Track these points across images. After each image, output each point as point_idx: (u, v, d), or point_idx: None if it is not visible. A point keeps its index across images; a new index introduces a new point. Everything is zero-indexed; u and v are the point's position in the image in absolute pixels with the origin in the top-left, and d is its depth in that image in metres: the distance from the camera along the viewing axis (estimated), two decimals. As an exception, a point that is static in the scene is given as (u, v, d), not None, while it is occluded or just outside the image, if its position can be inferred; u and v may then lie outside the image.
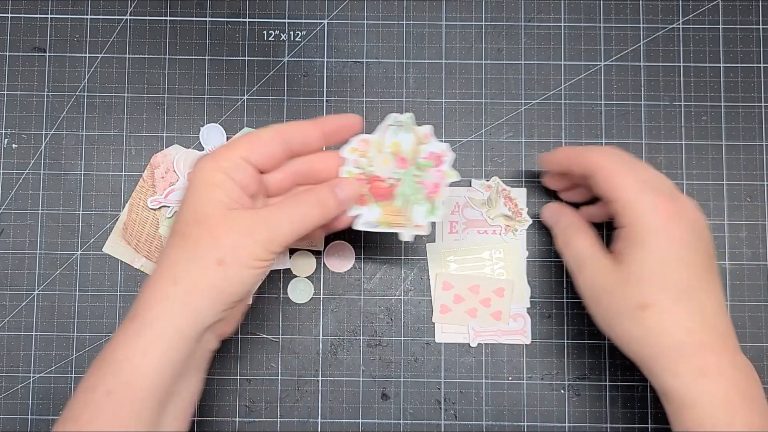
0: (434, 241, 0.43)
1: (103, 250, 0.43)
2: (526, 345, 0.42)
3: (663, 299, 0.33)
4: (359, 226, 0.37)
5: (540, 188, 0.43)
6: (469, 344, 0.42)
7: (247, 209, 0.34)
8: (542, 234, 0.43)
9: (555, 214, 0.41)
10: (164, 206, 0.43)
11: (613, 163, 0.35)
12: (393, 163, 0.37)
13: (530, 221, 0.43)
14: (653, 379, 0.34)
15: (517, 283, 0.42)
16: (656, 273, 0.33)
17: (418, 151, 0.37)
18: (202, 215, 0.33)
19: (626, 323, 0.34)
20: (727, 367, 0.33)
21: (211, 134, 0.44)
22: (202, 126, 0.44)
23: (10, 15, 0.44)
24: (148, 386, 0.31)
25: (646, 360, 0.34)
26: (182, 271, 0.32)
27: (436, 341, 0.42)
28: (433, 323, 0.42)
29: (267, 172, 0.35)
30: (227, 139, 0.43)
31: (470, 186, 0.43)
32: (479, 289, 0.42)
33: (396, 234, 0.38)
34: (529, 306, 0.42)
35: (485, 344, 0.42)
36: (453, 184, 0.38)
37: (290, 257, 0.43)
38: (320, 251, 0.43)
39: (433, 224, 0.43)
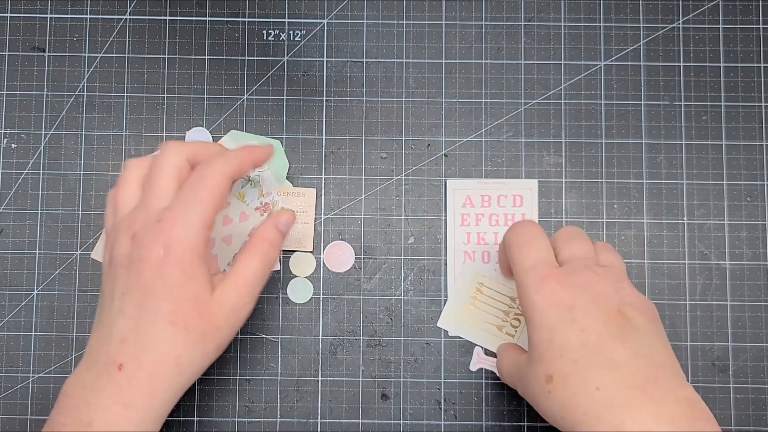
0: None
1: (91, 256, 0.43)
2: None
3: (562, 365, 0.32)
4: None
5: (543, 188, 0.43)
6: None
7: (222, 278, 0.34)
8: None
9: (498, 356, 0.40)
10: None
11: (511, 240, 0.36)
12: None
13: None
14: None
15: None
16: (549, 342, 0.32)
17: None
18: (203, 307, 0.33)
19: (544, 402, 0.32)
20: (650, 420, 0.29)
21: (198, 138, 0.43)
22: (194, 127, 0.44)
23: (9, 15, 0.44)
24: None
25: (573, 429, 0.31)
26: (187, 362, 0.33)
27: (450, 334, 0.42)
28: (435, 324, 0.42)
29: None
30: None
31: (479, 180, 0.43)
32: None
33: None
34: None
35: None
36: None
37: (290, 258, 0.43)
38: (320, 251, 0.43)
39: (445, 218, 0.43)
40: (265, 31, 0.44)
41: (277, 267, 0.43)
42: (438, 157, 0.44)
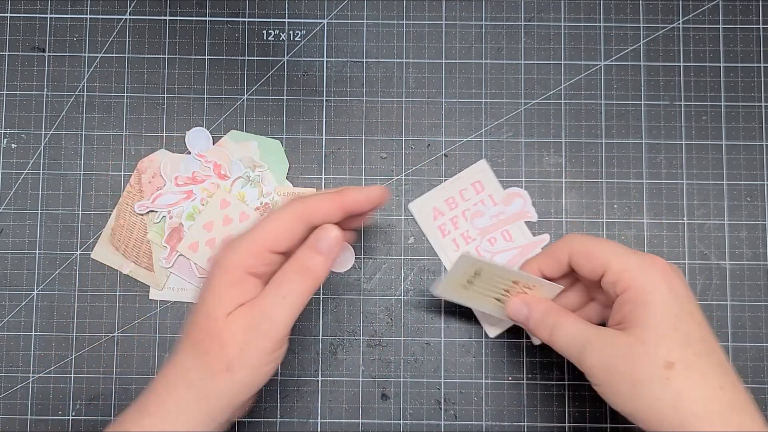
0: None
1: (91, 256, 0.43)
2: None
3: (686, 355, 0.31)
4: (181, 249, 0.42)
5: (541, 188, 0.43)
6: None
7: (246, 305, 0.34)
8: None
9: (521, 307, 0.37)
10: (151, 211, 0.43)
11: (588, 240, 0.35)
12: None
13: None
14: None
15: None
16: (672, 328, 0.31)
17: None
18: (213, 321, 0.33)
19: (655, 387, 0.31)
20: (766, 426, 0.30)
21: (198, 138, 0.43)
22: (194, 127, 0.44)
23: (9, 15, 0.44)
24: None
25: (681, 426, 0.30)
26: (195, 377, 0.32)
27: (442, 299, 0.42)
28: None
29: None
30: (213, 142, 0.43)
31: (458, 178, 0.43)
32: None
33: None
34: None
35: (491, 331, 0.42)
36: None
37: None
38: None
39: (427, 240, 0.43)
40: (265, 31, 0.44)
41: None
42: (438, 157, 0.44)
